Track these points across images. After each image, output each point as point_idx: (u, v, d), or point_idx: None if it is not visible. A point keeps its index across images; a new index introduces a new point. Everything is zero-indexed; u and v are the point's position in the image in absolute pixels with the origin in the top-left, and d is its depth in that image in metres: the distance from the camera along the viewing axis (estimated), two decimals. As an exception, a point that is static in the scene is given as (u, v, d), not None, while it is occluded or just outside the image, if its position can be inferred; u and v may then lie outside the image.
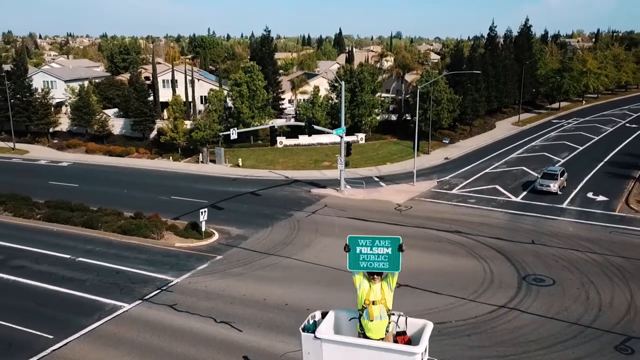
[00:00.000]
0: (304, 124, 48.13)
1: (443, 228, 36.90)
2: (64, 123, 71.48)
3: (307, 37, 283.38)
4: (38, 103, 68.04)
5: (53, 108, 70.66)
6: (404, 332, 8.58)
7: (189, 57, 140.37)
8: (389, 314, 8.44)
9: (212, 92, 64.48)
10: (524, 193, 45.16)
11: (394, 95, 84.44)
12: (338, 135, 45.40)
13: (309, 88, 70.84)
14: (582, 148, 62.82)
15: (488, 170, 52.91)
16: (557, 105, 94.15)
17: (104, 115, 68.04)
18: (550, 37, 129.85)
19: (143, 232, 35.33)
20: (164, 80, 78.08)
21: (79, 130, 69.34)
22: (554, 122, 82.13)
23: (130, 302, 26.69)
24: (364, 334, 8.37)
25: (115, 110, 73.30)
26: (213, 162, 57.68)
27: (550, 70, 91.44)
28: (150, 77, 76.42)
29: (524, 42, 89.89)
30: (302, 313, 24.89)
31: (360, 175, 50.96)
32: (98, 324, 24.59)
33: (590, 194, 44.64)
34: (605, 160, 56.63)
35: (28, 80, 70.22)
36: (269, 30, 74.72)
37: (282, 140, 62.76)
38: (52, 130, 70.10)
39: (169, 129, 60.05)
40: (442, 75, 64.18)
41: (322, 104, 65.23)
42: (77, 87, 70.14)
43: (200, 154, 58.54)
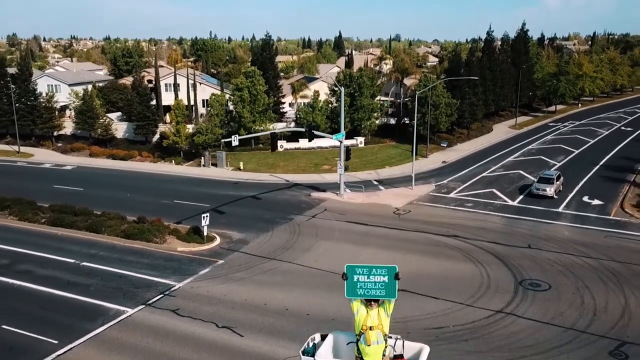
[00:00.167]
0: (305, 130, 48.24)
1: (441, 232, 36.99)
2: (68, 127, 71.60)
3: (307, 39, 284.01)
4: (42, 107, 68.18)
5: (57, 112, 70.75)
6: (401, 355, 8.68)
7: (191, 60, 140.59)
8: (386, 338, 8.54)
9: (213, 96, 64.54)
10: (521, 197, 45.24)
11: (393, 99, 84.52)
12: (338, 140, 45.50)
13: (309, 92, 70.92)
14: (577, 151, 62.89)
15: (485, 174, 53.00)
16: (553, 108, 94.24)
17: (108, 119, 68.16)
18: (547, 39, 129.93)
19: (146, 236, 35.41)
20: (167, 84, 78.18)
21: (83, 134, 69.44)
22: (551, 125, 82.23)
23: (134, 306, 26.77)
24: (362, 358, 8.47)
25: (119, 114, 73.39)
26: (215, 165, 57.77)
27: (547, 74, 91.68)
28: (153, 79, 76.58)
29: (521, 46, 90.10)
30: (302, 318, 25.31)
31: (360, 179, 51.03)
32: (102, 329, 24.68)
33: (586, 198, 44.72)
34: (601, 164, 56.70)
35: (33, 85, 70.33)
36: (270, 36, 74.93)
37: (282, 144, 62.84)
38: (56, 134, 70.21)
39: (172, 133, 60.13)
40: (440, 81, 64.25)
41: (322, 108, 65.33)
42: (80, 91, 70.22)
43: (202, 158, 58.62)
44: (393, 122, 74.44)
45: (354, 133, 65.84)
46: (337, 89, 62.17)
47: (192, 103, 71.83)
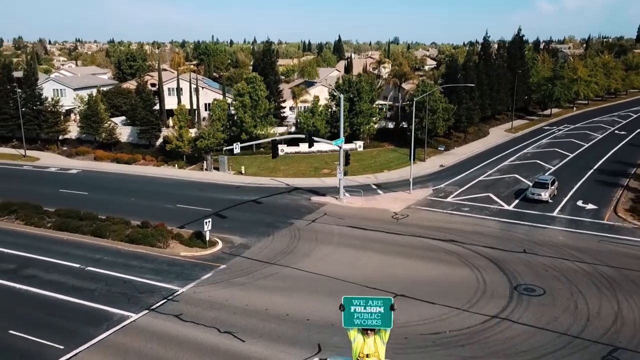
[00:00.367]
0: (305, 136, 48.37)
1: (438, 237, 37.09)
2: (73, 131, 71.72)
3: (307, 43, 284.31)
4: (48, 111, 68.30)
5: (62, 116, 70.84)
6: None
7: (194, 63, 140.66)
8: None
9: (215, 101, 64.68)
10: (516, 201, 45.34)
11: (391, 103, 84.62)
12: (337, 146, 45.60)
13: (310, 97, 71.10)
14: (572, 155, 63.00)
15: (482, 178, 53.10)
16: (548, 112, 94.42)
17: (112, 124, 68.29)
18: (543, 42, 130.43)
19: (150, 241, 35.52)
20: (169, 88, 78.26)
21: (88, 138, 69.53)
22: (546, 128, 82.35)
23: (138, 312, 26.87)
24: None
25: (123, 119, 73.52)
26: (217, 169, 57.89)
27: (542, 78, 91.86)
28: (156, 83, 76.66)
29: (517, 50, 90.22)
30: (302, 323, 25.44)
31: (359, 183, 51.16)
32: (107, 334, 24.77)
33: (580, 202, 44.82)
34: (595, 168, 56.80)
35: (38, 90, 70.42)
36: (271, 42, 74.97)
37: (283, 148, 62.86)
38: (61, 138, 70.32)
39: (174, 138, 60.24)
40: (437, 88, 64.34)
41: (321, 113, 65.42)
42: (85, 95, 70.38)
43: (205, 162, 58.73)
44: (391, 126, 74.51)
45: (353, 137, 65.96)
46: (336, 94, 62.33)
47: (194, 107, 71.93)
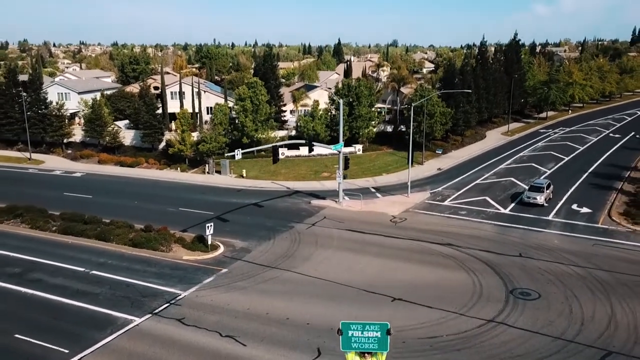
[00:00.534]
0: (305, 141, 48.46)
1: (435, 241, 37.16)
2: (78, 134, 71.82)
3: (307, 45, 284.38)
4: (53, 115, 68.41)
5: (67, 120, 70.95)
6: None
7: (196, 66, 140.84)
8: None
9: (217, 105, 64.78)
10: (512, 205, 45.42)
11: (390, 106, 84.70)
12: (337, 151, 45.69)
13: (310, 101, 71.19)
14: (567, 158, 63.09)
15: (478, 182, 53.18)
16: (544, 115, 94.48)
17: (115, 127, 68.39)
18: (539, 44, 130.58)
19: (153, 245, 35.60)
20: (172, 92, 78.37)
21: (92, 141, 69.63)
22: (542, 131, 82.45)
23: (141, 315, 26.95)
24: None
25: (126, 122, 73.64)
26: (218, 172, 57.98)
27: (538, 82, 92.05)
28: (159, 86, 76.74)
29: (513, 55, 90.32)
30: (302, 327, 25.51)
31: (358, 186, 51.25)
32: (111, 338, 24.85)
33: (575, 206, 44.89)
34: (590, 171, 56.88)
35: (44, 94, 70.52)
36: (271, 47, 75.35)
37: (283, 152, 63.01)
38: (66, 141, 70.41)
39: (177, 141, 60.34)
40: (435, 93, 64.44)
41: (321, 117, 65.52)
42: (90, 99, 70.46)
43: (207, 165, 58.82)
44: (390, 129, 74.66)
45: (352, 140, 66.06)
46: (336, 99, 62.45)
47: (196, 111, 72.04)
